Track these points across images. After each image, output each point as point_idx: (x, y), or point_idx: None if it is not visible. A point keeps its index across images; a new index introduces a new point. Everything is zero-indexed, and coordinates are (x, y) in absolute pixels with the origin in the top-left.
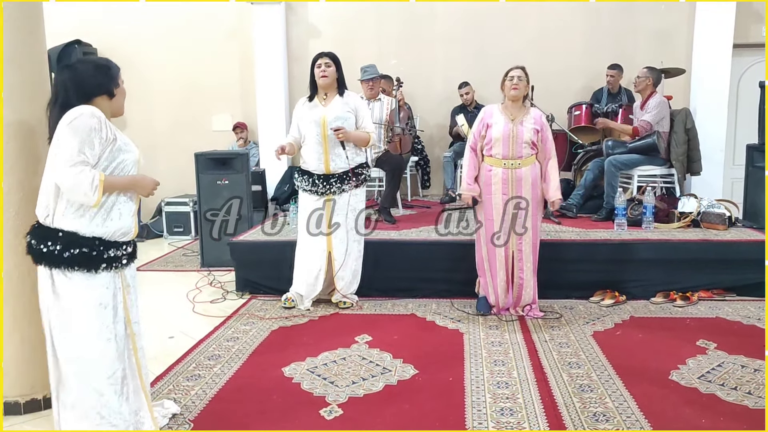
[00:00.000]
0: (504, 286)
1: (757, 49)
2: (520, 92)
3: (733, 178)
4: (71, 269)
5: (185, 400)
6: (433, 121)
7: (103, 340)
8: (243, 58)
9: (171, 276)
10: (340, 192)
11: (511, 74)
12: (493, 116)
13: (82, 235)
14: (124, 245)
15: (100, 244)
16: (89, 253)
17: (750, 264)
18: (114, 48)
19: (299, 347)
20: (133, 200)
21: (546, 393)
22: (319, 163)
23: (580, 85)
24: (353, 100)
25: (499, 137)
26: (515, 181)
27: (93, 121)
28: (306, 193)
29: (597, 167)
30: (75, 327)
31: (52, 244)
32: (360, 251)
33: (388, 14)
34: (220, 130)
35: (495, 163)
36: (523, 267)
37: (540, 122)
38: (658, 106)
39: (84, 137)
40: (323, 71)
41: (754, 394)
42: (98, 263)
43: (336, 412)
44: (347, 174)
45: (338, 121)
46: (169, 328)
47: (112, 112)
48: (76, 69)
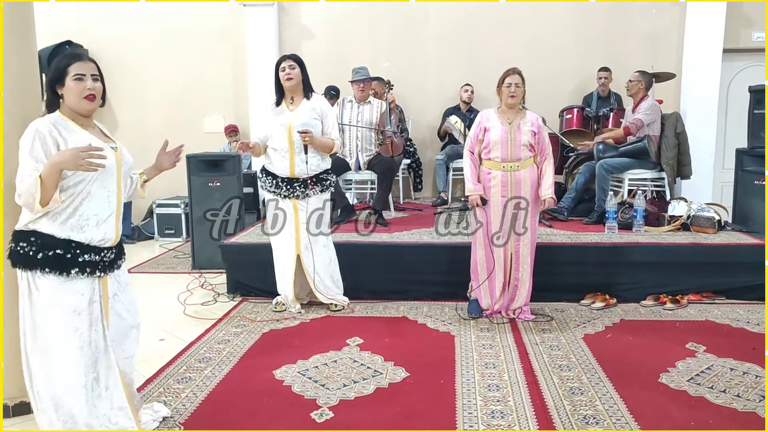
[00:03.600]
0: (501, 288)
1: (746, 53)
2: (518, 99)
3: (722, 181)
4: (44, 272)
5: (175, 403)
6: (425, 124)
7: (75, 348)
8: (235, 59)
9: (162, 278)
10: (303, 196)
11: (508, 81)
12: (490, 120)
13: (58, 237)
14: (103, 251)
15: (76, 247)
16: (63, 255)
17: (739, 267)
18: (106, 49)
19: (290, 350)
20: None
21: (536, 395)
22: (283, 166)
23: (571, 88)
24: (320, 104)
25: (498, 141)
26: (514, 183)
27: (30, 135)
28: (270, 194)
29: (588, 170)
30: (46, 331)
31: (27, 246)
32: (330, 257)
33: (380, 16)
34: (212, 132)
35: (494, 166)
36: (520, 268)
37: (537, 124)
38: (651, 108)
39: (26, 152)
40: (288, 74)
41: (743, 397)
42: (71, 266)
43: (327, 415)
44: (311, 179)
45: (305, 126)
46: (160, 330)
47: (78, 111)
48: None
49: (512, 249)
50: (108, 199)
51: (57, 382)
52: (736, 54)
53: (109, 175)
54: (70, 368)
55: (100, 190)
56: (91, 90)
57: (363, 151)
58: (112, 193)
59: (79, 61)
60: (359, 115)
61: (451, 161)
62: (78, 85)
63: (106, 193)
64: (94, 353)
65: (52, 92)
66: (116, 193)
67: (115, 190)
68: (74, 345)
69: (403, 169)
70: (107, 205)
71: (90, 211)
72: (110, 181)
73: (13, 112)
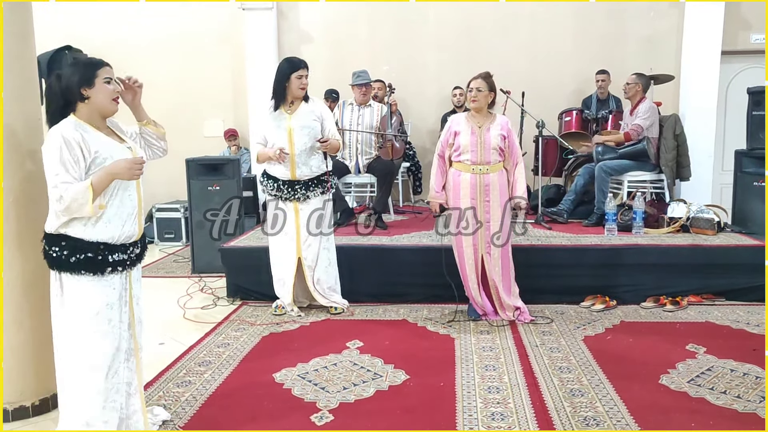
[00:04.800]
0: (476, 288)
1: (745, 55)
2: (479, 104)
3: (721, 183)
4: (80, 273)
5: (176, 407)
6: (424, 127)
7: (112, 339)
8: (234, 63)
9: (162, 282)
10: (304, 198)
11: (471, 86)
12: (460, 124)
13: (87, 240)
14: (129, 247)
15: (105, 248)
16: (94, 258)
17: (739, 268)
18: (105, 53)
19: (290, 353)
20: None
21: (537, 397)
22: (285, 170)
23: (570, 90)
24: (319, 107)
25: (467, 144)
26: (483, 186)
27: (57, 143)
28: (272, 197)
29: (587, 173)
30: (82, 329)
31: (59, 250)
32: (331, 259)
33: (379, 20)
34: (211, 136)
35: (464, 168)
36: (493, 269)
37: (506, 128)
38: (649, 111)
39: (56, 160)
40: (304, 84)
41: (743, 398)
42: (104, 267)
43: (327, 418)
44: (312, 181)
45: (304, 130)
46: (160, 334)
47: (100, 113)
48: (59, 77)
49: (483, 251)
50: (130, 198)
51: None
52: (735, 56)
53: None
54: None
55: (122, 191)
56: (118, 92)
57: (363, 154)
58: (133, 193)
59: (107, 65)
60: (359, 118)
61: None
62: (108, 88)
63: (127, 194)
64: (122, 344)
65: (69, 96)
66: (136, 191)
67: (134, 189)
68: (111, 338)
69: (403, 173)
70: (129, 204)
71: (114, 213)
72: (130, 181)
73: (13, 116)
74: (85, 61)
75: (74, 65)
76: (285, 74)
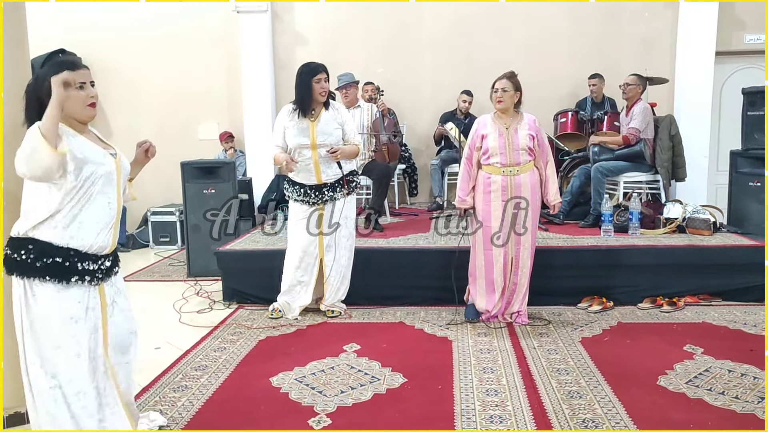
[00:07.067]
0: (501, 291)
1: (739, 56)
2: (506, 104)
3: (717, 183)
4: (43, 279)
5: (172, 412)
6: (420, 129)
7: (72, 355)
8: (229, 66)
9: (157, 286)
10: (332, 200)
11: (496, 86)
12: (487, 126)
13: (56, 245)
14: (100, 259)
15: (74, 255)
16: (62, 263)
17: (735, 269)
18: (100, 56)
19: (287, 357)
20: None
21: (535, 400)
22: (310, 176)
23: (565, 92)
24: (340, 112)
25: (496, 147)
26: (514, 187)
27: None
28: (297, 203)
29: (583, 174)
30: (44, 339)
31: (25, 254)
32: (349, 259)
33: (375, 22)
34: (206, 139)
35: (494, 171)
36: (519, 272)
37: (534, 128)
38: (643, 113)
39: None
40: (324, 87)
41: (741, 399)
42: (70, 274)
43: (324, 422)
44: (339, 182)
45: (325, 136)
46: (156, 338)
47: (75, 119)
48: (35, 79)
49: (512, 253)
50: (108, 206)
51: (57, 390)
52: (729, 56)
53: (109, 182)
54: (71, 377)
55: (100, 196)
56: (94, 97)
57: (358, 157)
58: (113, 201)
59: (81, 68)
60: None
61: (447, 166)
62: (80, 94)
63: (106, 200)
64: (92, 363)
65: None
66: (116, 200)
67: (115, 197)
68: (71, 353)
69: (399, 175)
70: (107, 212)
71: (90, 218)
72: (110, 188)
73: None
74: (54, 64)
75: (50, 67)
76: (306, 82)
